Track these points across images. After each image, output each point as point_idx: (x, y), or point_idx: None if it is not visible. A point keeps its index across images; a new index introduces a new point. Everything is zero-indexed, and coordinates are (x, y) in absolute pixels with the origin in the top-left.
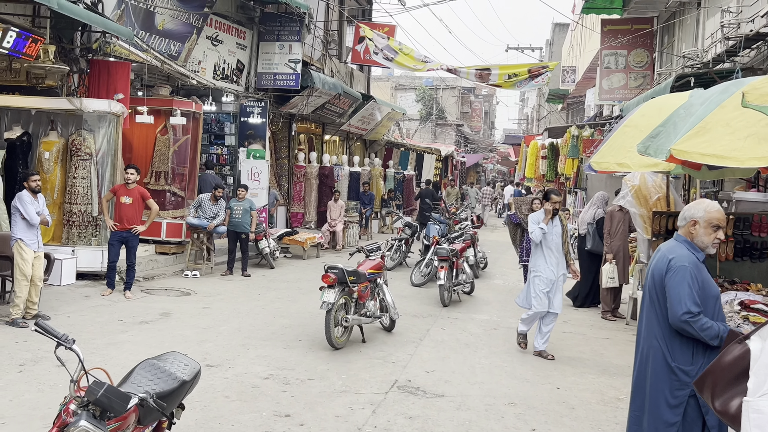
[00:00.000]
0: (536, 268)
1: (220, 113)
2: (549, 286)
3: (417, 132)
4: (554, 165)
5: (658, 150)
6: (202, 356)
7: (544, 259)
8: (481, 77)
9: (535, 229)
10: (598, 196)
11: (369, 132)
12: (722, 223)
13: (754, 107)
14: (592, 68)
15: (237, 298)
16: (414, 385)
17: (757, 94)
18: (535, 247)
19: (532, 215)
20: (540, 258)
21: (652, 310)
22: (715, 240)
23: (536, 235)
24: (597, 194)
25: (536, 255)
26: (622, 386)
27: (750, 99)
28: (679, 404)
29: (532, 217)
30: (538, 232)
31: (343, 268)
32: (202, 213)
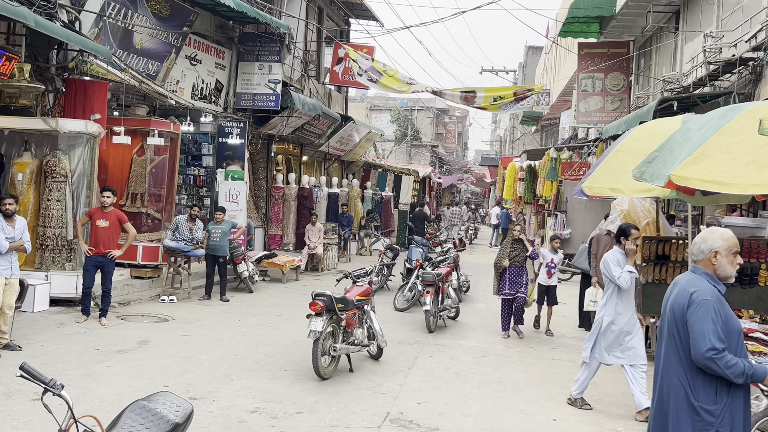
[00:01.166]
0: (611, 314)
1: (198, 134)
2: (619, 336)
3: (392, 153)
4: (532, 187)
5: (655, 175)
6: (185, 388)
7: (621, 305)
8: (466, 100)
9: (623, 274)
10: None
11: (347, 153)
12: (738, 247)
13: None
14: (566, 91)
15: (217, 324)
16: (407, 417)
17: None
18: (613, 292)
19: (609, 255)
20: (617, 304)
21: (671, 345)
22: (736, 266)
23: (625, 281)
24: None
25: (612, 301)
26: (619, 417)
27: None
28: None
29: (610, 258)
30: (627, 277)
31: (331, 295)
32: (179, 235)
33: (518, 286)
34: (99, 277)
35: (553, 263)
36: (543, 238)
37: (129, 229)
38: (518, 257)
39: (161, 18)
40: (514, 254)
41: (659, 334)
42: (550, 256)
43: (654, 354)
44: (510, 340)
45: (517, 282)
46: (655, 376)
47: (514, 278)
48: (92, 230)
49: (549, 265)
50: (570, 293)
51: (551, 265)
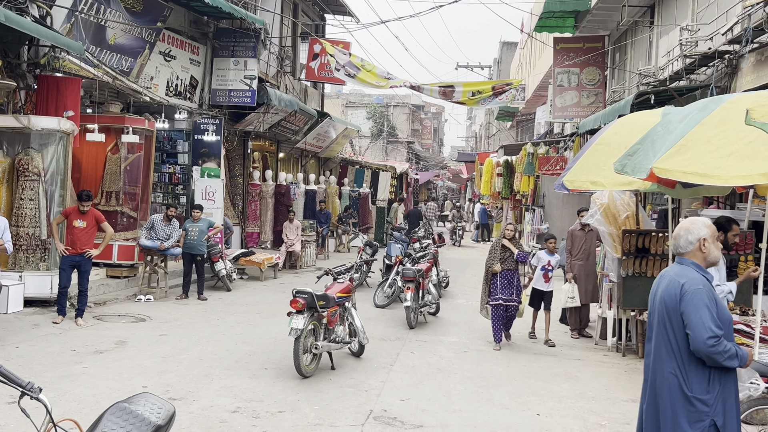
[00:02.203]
0: None
1: (173, 131)
2: None
3: (369, 149)
4: (509, 182)
5: (636, 168)
6: (164, 388)
7: None
8: (444, 94)
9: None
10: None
11: (324, 149)
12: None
13: (757, 125)
14: (542, 86)
15: (195, 323)
16: (390, 415)
17: (763, 111)
18: None
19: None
20: None
21: (663, 338)
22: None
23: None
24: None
25: None
26: (602, 411)
27: (756, 116)
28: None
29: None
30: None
31: (312, 292)
32: (154, 234)
33: (510, 291)
34: (75, 276)
35: (550, 266)
36: (521, 234)
37: (106, 229)
38: (509, 259)
39: (134, 13)
40: (504, 256)
41: (648, 328)
42: (547, 258)
43: (633, 348)
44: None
45: (509, 287)
46: (645, 370)
47: (506, 282)
48: (68, 230)
49: (546, 268)
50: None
51: (548, 268)
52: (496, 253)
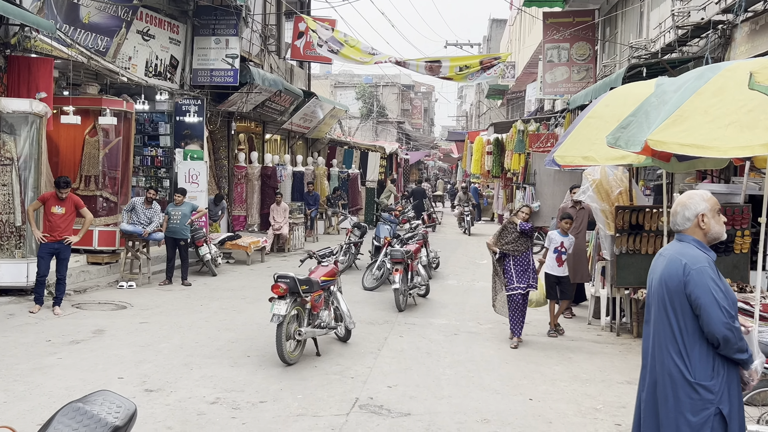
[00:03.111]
0: None
1: (154, 112)
2: None
3: (358, 130)
4: (500, 160)
5: (630, 141)
6: (141, 379)
7: None
8: (431, 70)
9: None
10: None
11: (311, 130)
12: (719, 205)
13: (761, 89)
14: (532, 63)
15: (177, 310)
16: (377, 403)
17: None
18: None
19: None
20: None
21: (663, 321)
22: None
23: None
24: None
25: None
26: (597, 394)
27: (760, 80)
28: (703, 424)
29: None
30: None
31: (294, 276)
32: (135, 218)
33: (527, 276)
34: (53, 264)
35: (564, 248)
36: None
37: (85, 214)
38: (518, 242)
39: None
40: (510, 238)
41: (647, 311)
42: (560, 238)
43: (627, 327)
44: (481, 316)
45: (525, 272)
46: (644, 356)
47: (522, 268)
48: (46, 216)
49: (559, 250)
50: None
51: (561, 250)
52: (508, 234)
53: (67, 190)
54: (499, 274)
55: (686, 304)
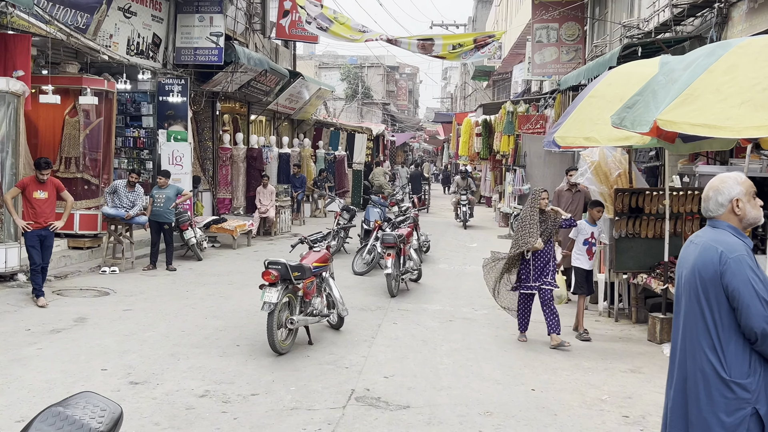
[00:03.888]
0: None
1: (136, 92)
2: None
3: (343, 111)
4: (488, 142)
5: (636, 121)
6: (125, 371)
7: None
8: (423, 48)
9: None
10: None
11: (297, 111)
12: (754, 187)
13: None
14: (519, 44)
15: (162, 296)
16: (374, 395)
17: None
18: None
19: None
20: None
21: (696, 313)
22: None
23: None
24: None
25: None
26: (601, 383)
27: None
28: (738, 425)
29: None
30: None
31: (285, 263)
32: (118, 201)
33: (545, 273)
34: None
35: (593, 239)
36: (501, 194)
37: (67, 198)
38: (545, 233)
39: None
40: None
41: (676, 303)
42: (590, 228)
43: (626, 313)
44: (476, 302)
45: (544, 269)
46: (672, 351)
47: (541, 264)
48: (29, 203)
49: (589, 242)
50: None
51: (591, 242)
52: (533, 225)
53: (48, 171)
54: (512, 271)
55: (722, 296)
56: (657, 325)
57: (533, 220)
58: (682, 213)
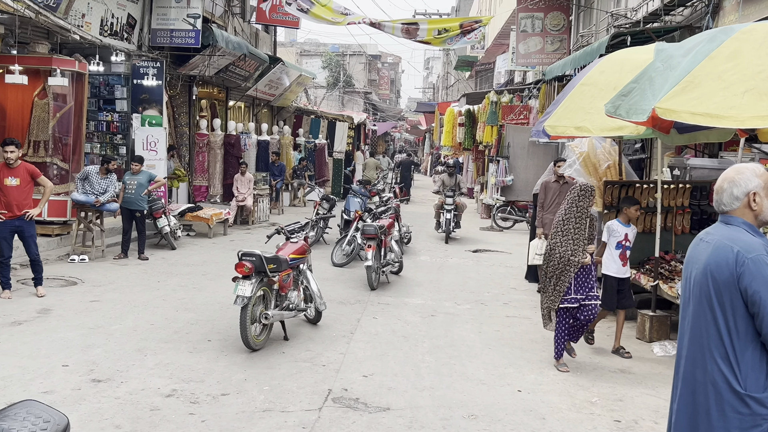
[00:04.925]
0: None
1: (110, 75)
2: None
3: (324, 99)
4: (472, 132)
5: (632, 110)
6: (88, 367)
7: None
8: (407, 33)
9: None
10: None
11: (277, 98)
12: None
13: None
14: (502, 34)
15: (132, 287)
16: (352, 395)
17: None
18: None
19: None
20: None
21: (708, 320)
22: None
23: None
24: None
25: None
26: (590, 384)
27: None
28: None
29: None
30: None
31: (260, 254)
32: (89, 188)
33: (588, 287)
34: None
35: (628, 241)
36: (483, 185)
37: (44, 183)
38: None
39: None
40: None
41: (682, 306)
42: (623, 229)
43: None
44: (458, 296)
45: (586, 282)
46: (678, 360)
47: (584, 274)
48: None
49: (622, 245)
50: (515, 242)
51: (626, 245)
52: (580, 232)
53: (12, 149)
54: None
55: (738, 300)
56: (646, 323)
57: (581, 225)
58: (672, 207)
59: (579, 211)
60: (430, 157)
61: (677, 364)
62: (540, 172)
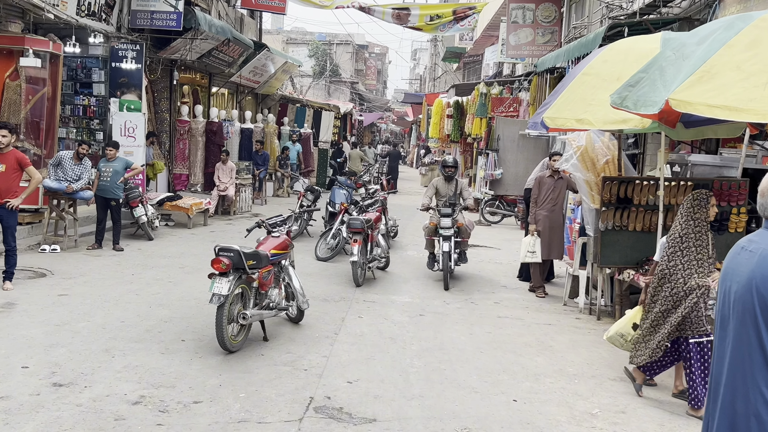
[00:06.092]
0: None
1: (87, 57)
2: None
3: (310, 89)
4: (460, 124)
5: (640, 102)
6: (50, 369)
7: None
8: (398, 18)
9: None
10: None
11: (262, 85)
12: None
13: None
14: (491, 26)
15: (105, 280)
16: (336, 404)
17: None
18: None
19: None
20: None
21: (752, 343)
22: None
23: None
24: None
25: None
26: (589, 394)
27: None
28: None
29: None
30: None
31: (239, 249)
32: (62, 174)
33: (698, 317)
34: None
35: None
36: (471, 179)
37: (32, 174)
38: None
39: None
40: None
41: (720, 325)
42: None
43: (608, 311)
44: (447, 294)
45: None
46: (714, 386)
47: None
48: None
49: None
50: (503, 237)
51: None
52: (702, 250)
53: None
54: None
55: None
56: None
57: (702, 241)
58: (673, 205)
59: (697, 225)
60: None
61: (713, 391)
62: (530, 166)
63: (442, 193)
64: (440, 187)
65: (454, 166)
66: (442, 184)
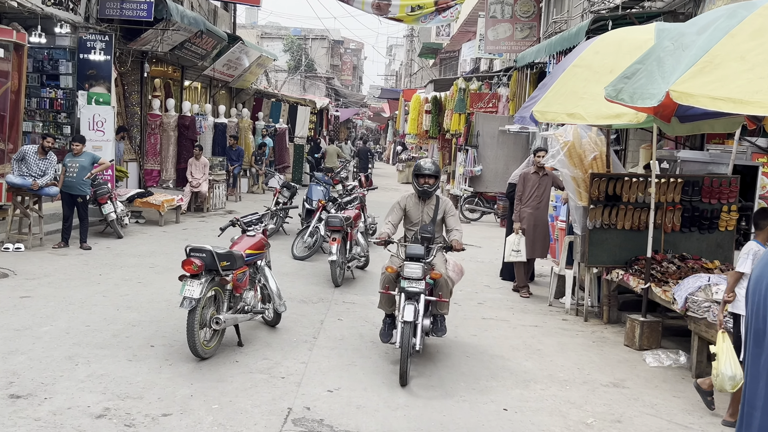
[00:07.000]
0: None
1: (53, 48)
2: None
3: (285, 84)
4: (438, 120)
5: (636, 94)
6: (7, 379)
7: None
8: (378, 8)
9: None
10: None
11: (236, 79)
12: None
13: None
14: (469, 21)
15: (70, 280)
16: (315, 415)
17: None
18: None
19: None
20: None
21: None
22: None
23: None
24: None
25: None
26: (582, 402)
27: None
28: None
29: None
30: None
31: (212, 250)
32: (26, 169)
33: None
34: None
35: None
36: (450, 175)
37: None
38: None
39: None
40: None
41: (753, 342)
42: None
43: (595, 312)
44: None
45: None
46: (749, 408)
47: None
48: None
49: None
50: (483, 235)
51: None
52: None
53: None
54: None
55: None
56: (636, 329)
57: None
58: (663, 203)
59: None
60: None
61: (746, 416)
62: (510, 163)
63: (414, 218)
64: (411, 209)
65: (435, 176)
66: (413, 204)
